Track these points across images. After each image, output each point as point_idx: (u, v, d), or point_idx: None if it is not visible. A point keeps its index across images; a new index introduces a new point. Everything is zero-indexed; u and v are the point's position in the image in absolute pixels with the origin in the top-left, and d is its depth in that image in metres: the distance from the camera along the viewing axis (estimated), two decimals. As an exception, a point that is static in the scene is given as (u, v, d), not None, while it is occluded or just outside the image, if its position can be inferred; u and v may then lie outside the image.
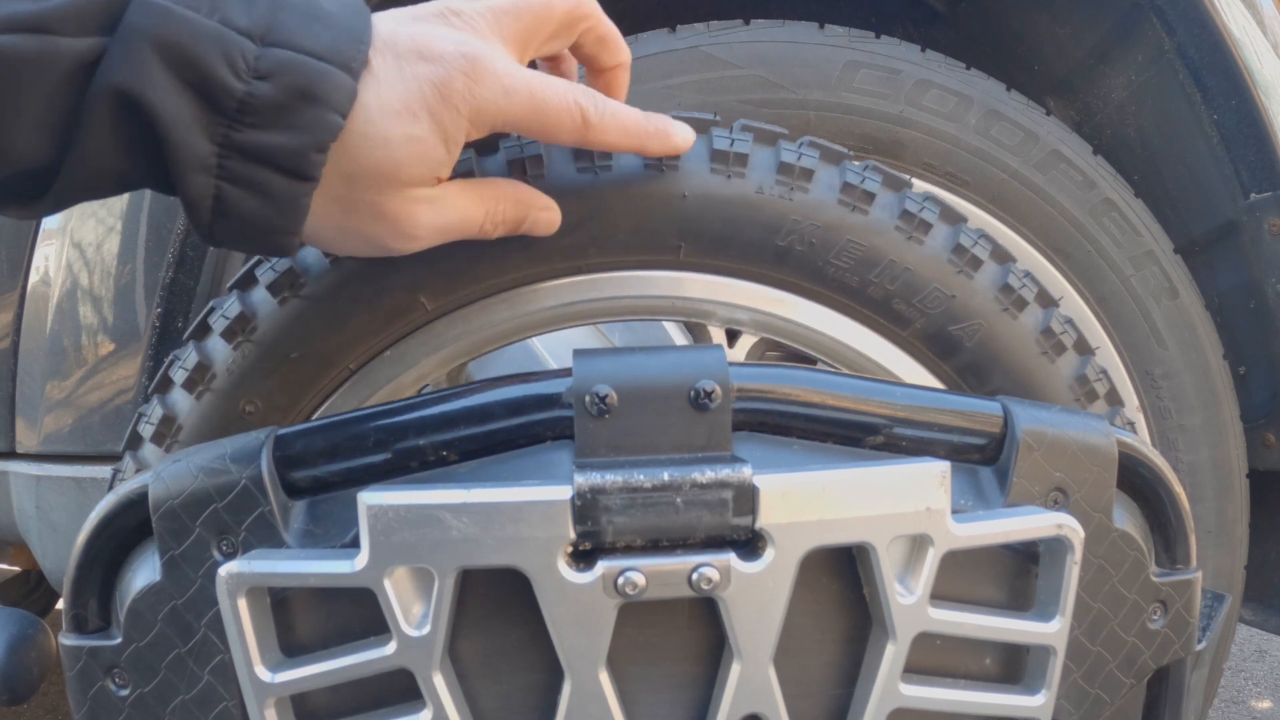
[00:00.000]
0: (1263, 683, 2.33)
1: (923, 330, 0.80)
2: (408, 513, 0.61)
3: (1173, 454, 1.08)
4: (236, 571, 0.62)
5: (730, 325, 0.83)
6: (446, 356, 0.80)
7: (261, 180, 0.56)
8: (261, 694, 0.64)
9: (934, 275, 0.78)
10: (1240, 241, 1.09)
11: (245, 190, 0.57)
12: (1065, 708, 0.72)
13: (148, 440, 0.79)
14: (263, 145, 0.55)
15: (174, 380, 0.78)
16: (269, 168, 0.56)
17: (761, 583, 0.63)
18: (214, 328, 0.78)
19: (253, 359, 0.77)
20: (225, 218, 0.58)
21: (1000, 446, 0.71)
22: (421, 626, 0.63)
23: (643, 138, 0.70)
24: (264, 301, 0.76)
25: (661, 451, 0.66)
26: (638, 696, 0.67)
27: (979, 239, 0.79)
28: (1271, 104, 1.05)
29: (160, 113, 0.53)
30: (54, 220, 0.96)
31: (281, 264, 0.76)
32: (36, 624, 0.87)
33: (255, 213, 0.58)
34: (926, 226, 0.78)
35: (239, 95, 0.54)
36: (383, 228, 0.63)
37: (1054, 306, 0.81)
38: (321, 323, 0.76)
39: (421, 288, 0.76)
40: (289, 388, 0.78)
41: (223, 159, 0.55)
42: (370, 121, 0.59)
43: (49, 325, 0.97)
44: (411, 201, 0.63)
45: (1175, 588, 0.72)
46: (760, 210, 0.76)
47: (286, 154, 0.56)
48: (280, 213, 0.58)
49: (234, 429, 0.77)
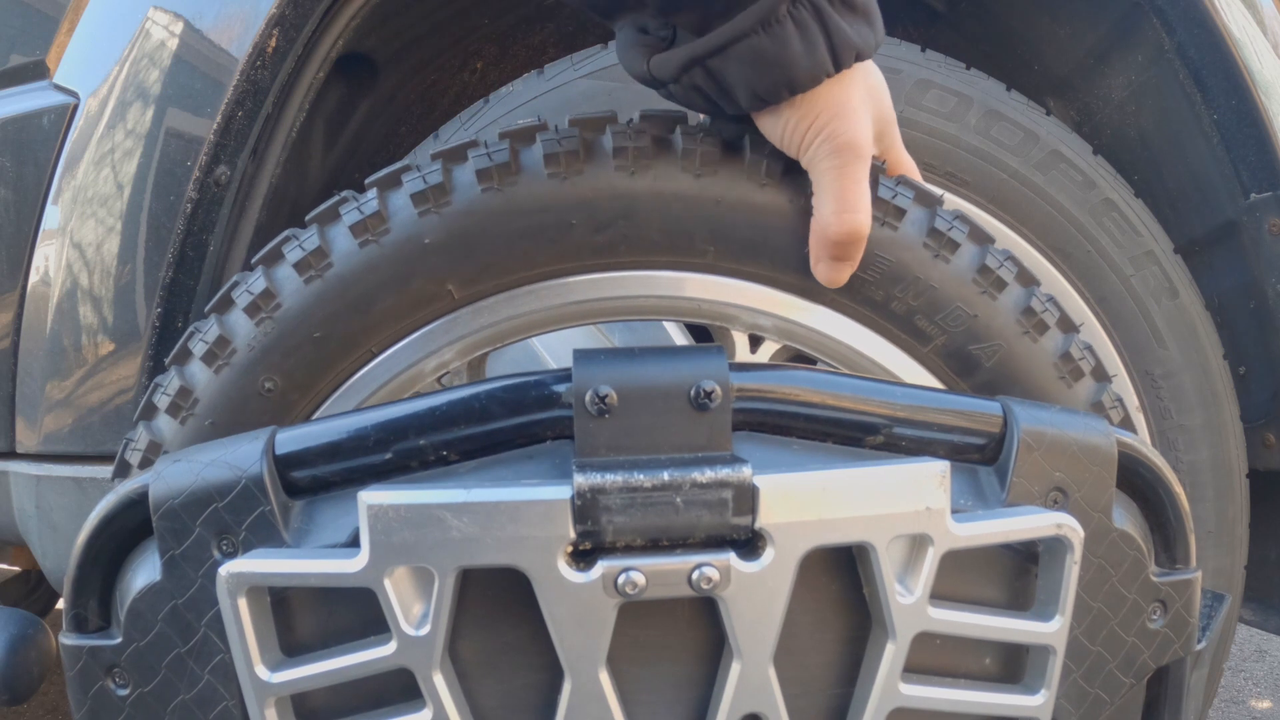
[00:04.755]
0: (1263, 683, 2.33)
1: (943, 347, 0.80)
2: (408, 512, 0.61)
3: (1173, 454, 1.07)
4: (237, 571, 0.62)
5: (753, 331, 0.83)
6: (469, 346, 0.80)
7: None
8: (262, 693, 0.64)
9: (958, 294, 0.79)
10: (1240, 241, 1.09)
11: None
12: (1065, 707, 0.72)
13: (163, 411, 0.78)
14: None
15: (193, 352, 0.78)
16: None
17: (761, 582, 0.63)
18: (237, 302, 0.77)
19: (275, 336, 0.76)
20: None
21: (1000, 446, 0.71)
22: (421, 626, 0.63)
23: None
24: (290, 279, 0.76)
25: (661, 451, 0.66)
26: (638, 696, 0.67)
27: (1005, 261, 0.80)
28: (1271, 104, 1.04)
29: None
30: (54, 220, 0.96)
31: (310, 243, 0.76)
32: (36, 624, 0.87)
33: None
34: (954, 245, 0.78)
35: None
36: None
37: (1074, 332, 0.82)
38: (347, 304, 0.76)
39: (451, 275, 0.77)
40: (310, 367, 0.77)
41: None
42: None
43: (49, 325, 0.97)
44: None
45: (1175, 587, 0.72)
46: (792, 219, 0.77)
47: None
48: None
49: (252, 405, 0.77)
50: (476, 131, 1.01)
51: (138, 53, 0.95)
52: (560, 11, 1.32)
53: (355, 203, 0.77)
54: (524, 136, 0.77)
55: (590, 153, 0.76)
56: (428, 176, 0.76)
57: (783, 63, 0.70)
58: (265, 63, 0.94)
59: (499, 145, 0.76)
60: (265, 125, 0.97)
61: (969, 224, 0.80)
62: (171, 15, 0.94)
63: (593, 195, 0.75)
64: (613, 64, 0.99)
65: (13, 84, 1.00)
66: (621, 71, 0.98)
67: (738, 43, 0.69)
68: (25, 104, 0.98)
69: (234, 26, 0.94)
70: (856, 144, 0.73)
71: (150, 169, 0.95)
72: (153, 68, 0.94)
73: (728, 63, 0.71)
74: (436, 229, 0.76)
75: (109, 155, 0.95)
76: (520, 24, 1.32)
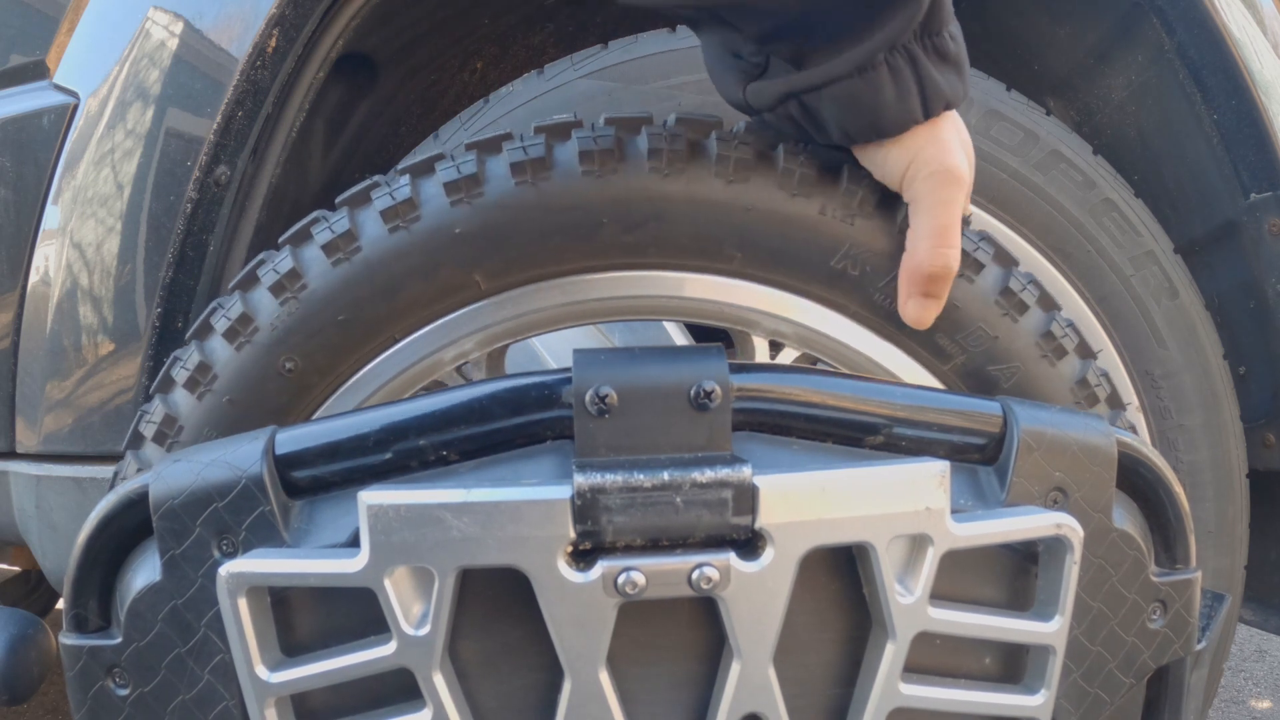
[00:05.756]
0: (1263, 683, 2.33)
1: (962, 366, 0.80)
2: (408, 512, 0.61)
3: (1173, 454, 1.07)
4: (237, 571, 0.62)
5: (773, 337, 0.84)
6: (490, 337, 0.80)
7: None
8: (261, 693, 0.64)
9: (979, 314, 0.79)
10: (1240, 241, 1.09)
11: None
12: (1065, 707, 0.72)
13: (180, 385, 0.78)
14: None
15: (215, 327, 0.78)
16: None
17: (761, 582, 0.63)
18: (263, 280, 0.77)
19: (299, 316, 0.76)
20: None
21: (1000, 446, 0.71)
22: (421, 626, 0.63)
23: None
24: (317, 260, 0.76)
25: (661, 451, 0.66)
26: (638, 696, 0.67)
27: (1028, 284, 0.80)
28: (1271, 104, 1.04)
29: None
30: (54, 220, 0.96)
31: (339, 225, 0.76)
32: (36, 624, 0.87)
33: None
34: (979, 266, 0.79)
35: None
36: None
37: (1091, 359, 0.82)
38: (374, 289, 0.76)
39: (479, 266, 0.77)
40: (332, 350, 0.77)
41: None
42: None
43: (49, 325, 0.97)
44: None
45: (1175, 587, 0.72)
46: (820, 232, 0.77)
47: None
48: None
49: (271, 385, 0.77)
50: (477, 132, 1.01)
51: (138, 53, 0.95)
52: (560, 11, 1.32)
53: (387, 188, 0.77)
54: (559, 132, 0.77)
55: (625, 152, 0.76)
56: (461, 166, 0.76)
57: (875, 107, 0.72)
58: (265, 63, 0.94)
59: (534, 139, 0.76)
60: (265, 125, 0.97)
61: (994, 246, 0.80)
62: (171, 15, 0.94)
63: (625, 195, 0.76)
64: (612, 64, 0.99)
65: (13, 84, 1.00)
66: (621, 71, 0.99)
67: (833, 84, 0.71)
68: (25, 104, 0.98)
69: (234, 26, 0.94)
70: (956, 170, 0.74)
71: (150, 169, 0.95)
72: (153, 68, 0.94)
73: (822, 100, 0.72)
74: (468, 219, 0.76)
75: (109, 155, 0.95)
76: (520, 24, 1.32)
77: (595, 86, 0.99)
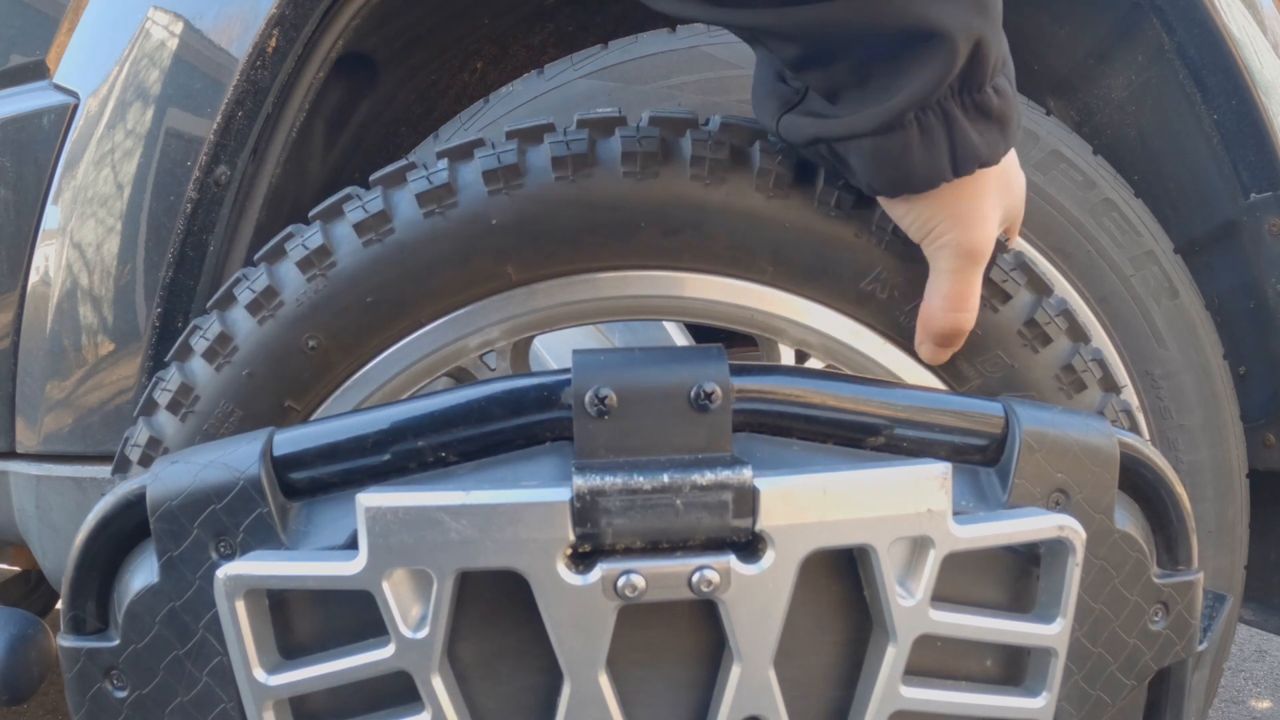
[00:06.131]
0: (1263, 683, 2.33)
1: (978, 390, 0.81)
2: (406, 514, 0.61)
3: (1173, 454, 1.07)
4: (234, 573, 0.62)
5: (799, 346, 0.84)
6: (517, 327, 0.80)
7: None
8: (260, 696, 0.64)
9: (999, 342, 0.79)
10: (1240, 241, 1.09)
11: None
12: (1066, 709, 0.72)
13: (199, 355, 0.78)
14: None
15: (237, 299, 0.77)
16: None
17: (762, 585, 0.63)
18: (290, 254, 0.77)
19: (326, 294, 0.76)
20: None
21: (1001, 447, 0.70)
22: (420, 629, 0.63)
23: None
24: (347, 238, 0.76)
25: (661, 453, 0.66)
26: (637, 699, 0.67)
27: (1056, 315, 0.80)
28: (1271, 104, 1.04)
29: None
30: (54, 220, 0.96)
31: (373, 205, 0.76)
32: (36, 624, 0.86)
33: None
34: (1005, 297, 0.79)
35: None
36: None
37: (1114, 392, 0.82)
38: (404, 272, 0.76)
39: (512, 257, 0.76)
40: (357, 330, 0.77)
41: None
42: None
43: (49, 325, 0.97)
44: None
45: (1177, 589, 0.72)
46: (855, 253, 0.78)
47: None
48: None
49: (293, 361, 0.77)
50: (477, 132, 1.01)
51: (138, 53, 0.95)
52: (560, 11, 1.32)
53: (424, 171, 0.77)
54: (602, 127, 0.77)
55: (668, 156, 0.76)
56: (502, 155, 0.76)
57: (900, 165, 0.70)
58: (265, 63, 0.94)
59: (577, 134, 0.76)
60: (265, 125, 0.97)
61: (1027, 274, 0.80)
62: (171, 15, 0.94)
63: (666, 200, 0.76)
64: (612, 64, 0.99)
65: (13, 84, 0.99)
66: (621, 71, 0.98)
67: (858, 139, 0.69)
68: (25, 104, 0.98)
69: (234, 26, 0.94)
70: (976, 251, 0.73)
71: (150, 169, 0.94)
72: (153, 68, 0.94)
73: (849, 150, 0.71)
74: (505, 210, 0.75)
75: (109, 155, 0.95)
76: (520, 24, 1.32)
77: (595, 86, 0.99)
